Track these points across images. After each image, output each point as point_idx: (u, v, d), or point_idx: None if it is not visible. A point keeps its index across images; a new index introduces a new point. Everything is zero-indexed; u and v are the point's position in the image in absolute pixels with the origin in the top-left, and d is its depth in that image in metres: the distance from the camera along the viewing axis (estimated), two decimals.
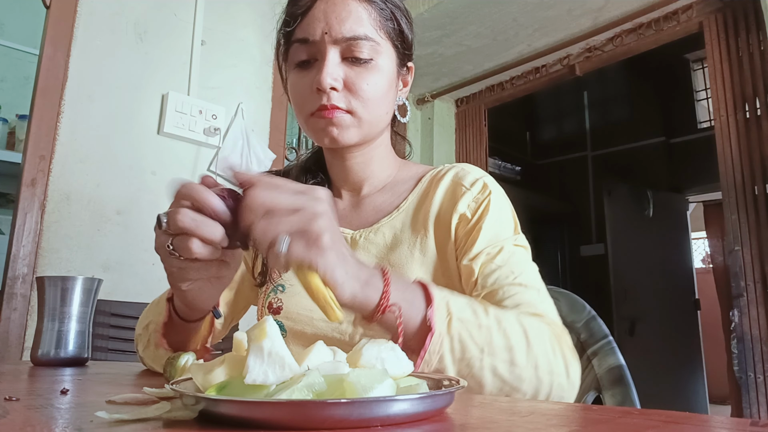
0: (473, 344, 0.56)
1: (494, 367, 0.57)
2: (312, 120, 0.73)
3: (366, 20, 0.71)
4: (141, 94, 1.94)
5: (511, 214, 0.78)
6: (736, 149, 2.16)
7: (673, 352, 4.16)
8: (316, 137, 0.75)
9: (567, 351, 0.63)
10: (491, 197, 0.76)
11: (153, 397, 0.43)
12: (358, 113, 0.72)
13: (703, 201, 4.91)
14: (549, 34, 2.70)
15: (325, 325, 0.75)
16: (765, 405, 2.00)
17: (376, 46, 0.72)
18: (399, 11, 0.76)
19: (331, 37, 0.70)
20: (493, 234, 0.73)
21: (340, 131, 0.72)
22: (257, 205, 0.47)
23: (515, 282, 0.68)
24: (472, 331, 0.57)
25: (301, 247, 0.47)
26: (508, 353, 0.57)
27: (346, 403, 0.32)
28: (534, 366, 0.58)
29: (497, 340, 0.57)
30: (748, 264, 2.08)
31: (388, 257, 0.77)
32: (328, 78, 0.69)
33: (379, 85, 0.73)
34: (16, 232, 1.63)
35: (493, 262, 0.70)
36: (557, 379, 0.60)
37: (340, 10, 0.70)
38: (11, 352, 1.59)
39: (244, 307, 0.90)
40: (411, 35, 0.80)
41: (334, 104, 0.70)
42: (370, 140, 0.78)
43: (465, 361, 0.56)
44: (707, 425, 0.34)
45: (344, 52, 0.71)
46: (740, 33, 2.21)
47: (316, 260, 0.47)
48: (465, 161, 3.28)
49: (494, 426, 0.34)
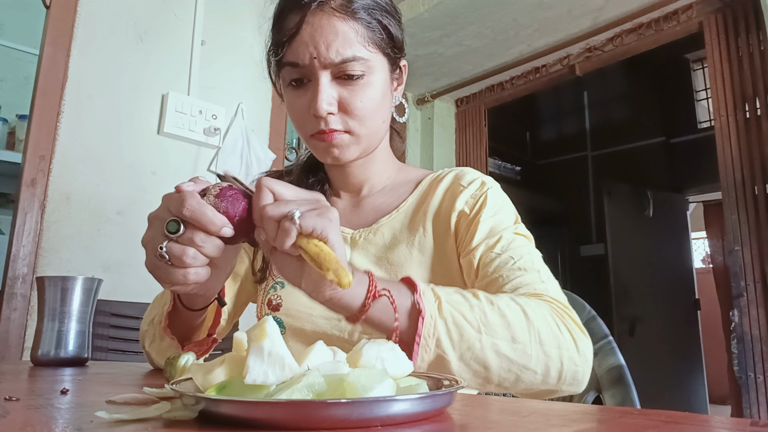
0: (468, 325, 0.56)
1: (496, 345, 0.56)
2: (313, 141, 0.74)
3: (353, 39, 0.70)
4: (141, 94, 1.94)
5: (510, 207, 0.78)
6: (736, 149, 2.16)
7: (673, 352, 4.16)
8: (318, 156, 0.77)
9: (573, 326, 0.62)
10: (488, 192, 0.77)
11: (153, 397, 0.43)
12: (356, 131, 0.73)
13: (703, 201, 4.90)
14: (549, 34, 2.70)
15: (324, 322, 0.76)
16: (765, 405, 2.00)
17: (367, 62, 0.72)
18: (387, 16, 0.75)
19: (320, 63, 0.70)
20: (491, 225, 0.73)
21: (340, 151, 0.74)
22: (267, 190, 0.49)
23: (514, 267, 0.68)
24: (464, 311, 0.57)
25: (313, 215, 0.48)
26: (507, 330, 0.57)
27: (346, 403, 0.32)
28: (538, 341, 0.58)
29: (493, 318, 0.57)
30: (748, 264, 2.08)
31: (386, 257, 0.77)
32: (323, 104, 0.69)
33: (374, 99, 0.73)
34: (16, 232, 1.63)
35: (492, 251, 0.70)
36: (566, 353, 0.59)
37: (327, 33, 0.69)
38: (11, 352, 1.59)
39: (245, 302, 0.89)
40: (401, 34, 0.79)
41: (332, 128, 0.71)
42: (370, 151, 0.79)
43: (465, 343, 0.56)
44: (707, 425, 0.34)
45: (335, 73, 0.71)
46: (740, 33, 2.21)
47: (327, 229, 0.48)
48: (465, 161, 3.29)
49: (494, 426, 0.34)
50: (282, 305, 0.78)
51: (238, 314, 0.90)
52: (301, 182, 0.84)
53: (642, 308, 4.00)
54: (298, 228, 0.47)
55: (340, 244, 0.49)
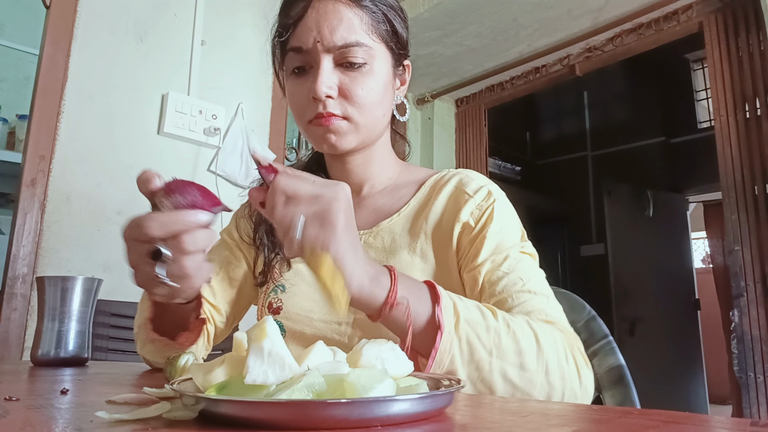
0: (481, 346, 0.56)
1: (504, 370, 0.56)
2: (310, 127, 0.74)
3: (357, 26, 0.71)
4: (141, 94, 1.94)
5: (516, 222, 0.76)
6: (736, 149, 2.15)
7: (673, 352, 4.16)
8: (315, 144, 0.76)
9: (579, 357, 0.62)
10: (495, 205, 0.74)
11: (153, 397, 0.43)
12: (355, 119, 0.72)
13: (703, 201, 4.91)
14: (549, 34, 2.70)
15: (324, 326, 0.75)
16: (765, 405, 2.00)
17: (370, 51, 0.72)
18: (392, 11, 0.76)
19: (323, 46, 0.70)
20: (498, 242, 0.71)
21: (337, 138, 0.73)
22: (280, 191, 0.49)
23: (524, 289, 0.67)
24: (480, 333, 0.56)
25: (315, 228, 0.48)
26: (518, 357, 0.57)
27: (346, 403, 0.32)
28: (545, 371, 0.58)
29: (506, 344, 0.57)
30: (748, 264, 2.08)
31: (387, 261, 0.76)
32: (323, 87, 0.69)
33: (375, 89, 0.73)
34: (16, 232, 1.63)
35: (499, 270, 0.69)
36: (569, 385, 0.59)
37: (331, 18, 0.70)
38: (11, 352, 1.59)
39: (246, 306, 0.89)
40: (406, 34, 0.79)
41: (330, 112, 0.71)
42: (369, 143, 0.78)
43: (474, 364, 0.56)
44: (707, 425, 0.34)
45: (337, 59, 0.71)
46: (740, 33, 2.21)
47: (329, 242, 0.48)
48: (465, 161, 3.28)
49: (494, 426, 0.34)
50: (282, 308, 0.78)
51: (238, 318, 0.90)
52: None
53: (642, 308, 4.00)
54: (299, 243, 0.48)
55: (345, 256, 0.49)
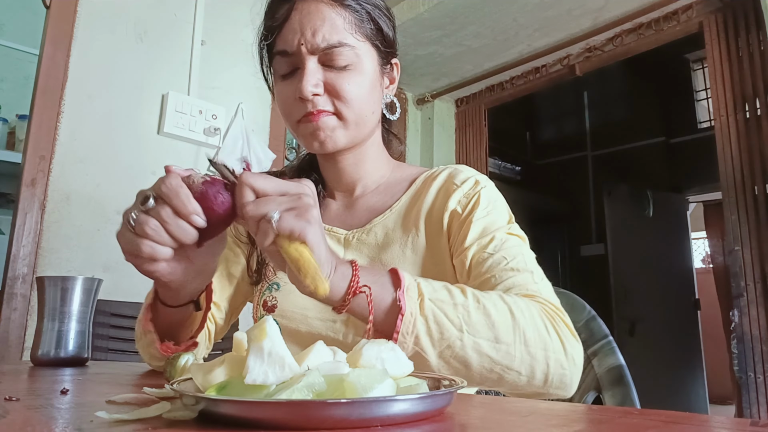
0: (449, 323, 0.56)
1: (477, 344, 0.56)
2: (300, 127, 0.74)
3: (340, 26, 0.71)
4: (141, 94, 1.94)
5: (503, 206, 0.77)
6: (736, 149, 2.16)
7: (673, 352, 4.16)
8: (305, 143, 0.76)
9: (563, 328, 0.62)
10: (482, 192, 0.76)
11: (153, 397, 0.43)
12: (344, 114, 0.72)
13: (703, 201, 4.90)
14: (549, 34, 2.70)
15: (319, 324, 0.75)
16: (765, 405, 2.00)
17: (354, 50, 0.72)
18: (377, 10, 0.76)
19: (306, 48, 0.70)
20: (484, 225, 0.72)
21: (327, 135, 0.73)
22: (248, 188, 0.49)
23: (507, 267, 0.68)
24: (447, 310, 0.57)
25: (291, 217, 0.48)
26: (491, 330, 0.57)
27: (346, 403, 0.32)
28: (523, 342, 0.58)
29: (476, 318, 0.57)
30: (748, 264, 2.08)
31: (379, 257, 0.77)
32: (308, 86, 0.70)
33: (362, 86, 0.73)
34: (16, 232, 1.63)
35: (485, 251, 0.70)
36: (553, 356, 0.59)
37: (314, 19, 0.70)
38: (11, 352, 1.59)
39: (242, 302, 0.89)
40: (392, 33, 0.79)
41: (319, 108, 0.71)
42: (359, 142, 0.78)
43: (445, 342, 0.56)
44: (707, 425, 0.34)
45: (322, 60, 0.71)
46: (740, 33, 2.21)
47: (306, 231, 0.48)
48: (465, 161, 3.28)
49: (494, 426, 0.34)
50: (277, 306, 0.78)
51: (235, 315, 0.90)
52: None
53: (642, 308, 4.00)
54: (275, 231, 0.48)
55: (320, 244, 0.50)
